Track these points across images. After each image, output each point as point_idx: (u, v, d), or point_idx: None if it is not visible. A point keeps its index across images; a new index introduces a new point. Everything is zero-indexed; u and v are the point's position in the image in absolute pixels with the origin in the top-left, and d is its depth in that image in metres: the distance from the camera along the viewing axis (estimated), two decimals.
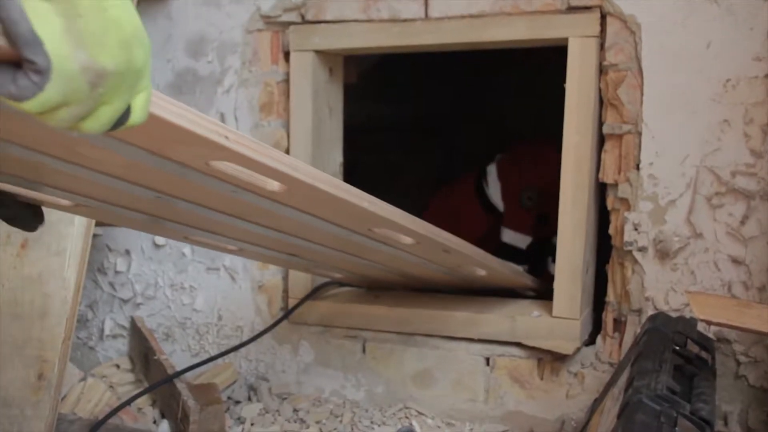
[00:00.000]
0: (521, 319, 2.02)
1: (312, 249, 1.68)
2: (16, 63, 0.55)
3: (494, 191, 2.90)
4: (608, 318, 1.99)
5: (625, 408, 1.33)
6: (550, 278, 2.04)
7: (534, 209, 2.79)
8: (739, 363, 1.83)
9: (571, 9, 1.92)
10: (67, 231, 1.91)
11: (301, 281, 2.24)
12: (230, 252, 1.74)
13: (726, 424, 1.83)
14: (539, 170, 2.66)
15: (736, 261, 1.82)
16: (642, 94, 1.87)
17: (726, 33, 1.78)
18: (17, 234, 1.93)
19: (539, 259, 2.77)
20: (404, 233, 1.49)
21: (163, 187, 1.13)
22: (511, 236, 2.87)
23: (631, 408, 1.30)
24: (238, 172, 1.03)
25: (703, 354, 1.65)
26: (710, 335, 1.80)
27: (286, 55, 2.22)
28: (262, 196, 1.16)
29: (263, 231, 1.46)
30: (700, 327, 1.74)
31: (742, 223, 1.81)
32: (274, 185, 1.11)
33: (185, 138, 0.87)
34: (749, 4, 1.74)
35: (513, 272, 2.13)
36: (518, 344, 2.03)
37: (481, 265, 1.88)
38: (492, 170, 2.90)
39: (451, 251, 1.68)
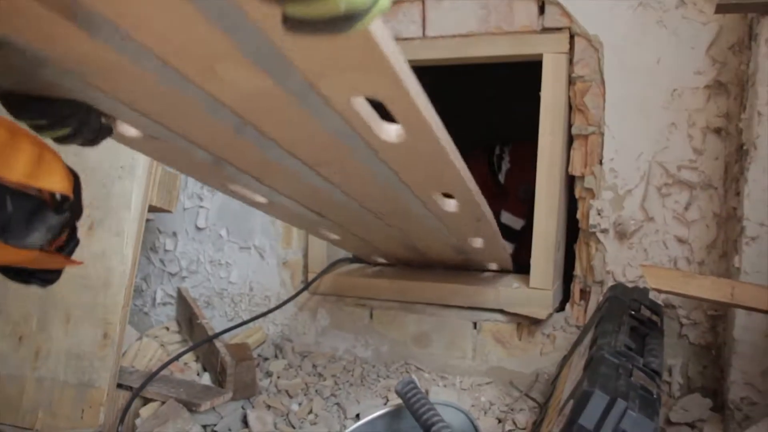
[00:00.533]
0: (503, 290, 2.08)
1: (350, 211, 1.59)
2: None
3: (503, 173, 2.89)
4: (576, 288, 2.06)
5: (591, 362, 1.38)
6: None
7: (527, 201, 2.80)
8: (682, 325, 1.89)
9: (545, 30, 1.98)
10: (125, 215, 2.01)
11: (318, 258, 2.32)
12: (258, 206, 1.62)
13: (670, 374, 1.88)
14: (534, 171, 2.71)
15: (681, 240, 1.88)
16: (604, 101, 1.92)
17: (673, 51, 1.84)
18: (86, 218, 2.02)
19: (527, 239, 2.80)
20: (464, 196, 1.42)
21: (260, 116, 1.01)
22: (508, 218, 2.87)
23: (596, 362, 1.36)
24: (371, 116, 0.94)
25: (654, 317, 1.69)
26: (659, 302, 1.85)
27: None
28: (370, 146, 1.06)
29: (320, 184, 1.35)
30: (652, 295, 1.78)
31: (686, 209, 1.87)
32: (393, 135, 1.03)
33: (372, 64, 0.76)
34: (691, 28, 1.81)
35: (503, 248, 2.18)
36: (501, 311, 2.08)
37: (493, 237, 1.86)
38: (506, 155, 2.88)
39: (481, 220, 1.64)
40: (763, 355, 1.65)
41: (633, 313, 1.66)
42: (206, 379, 2.08)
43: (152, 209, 2.11)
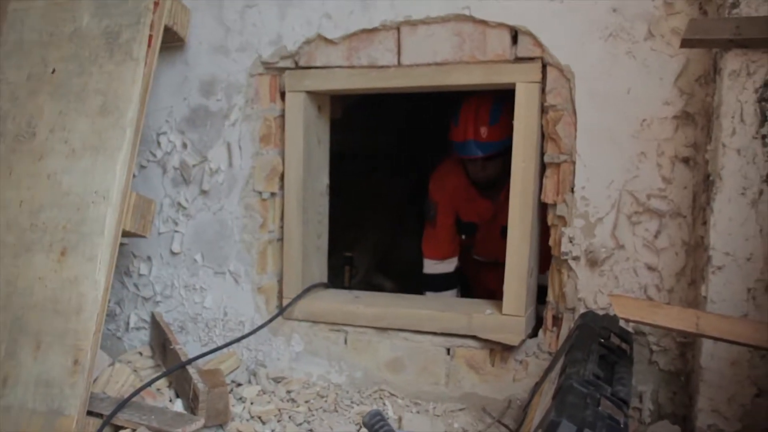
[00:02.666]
0: (476, 316, 2.09)
1: None
2: None
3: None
4: (548, 315, 2.07)
5: (559, 390, 1.39)
6: None
7: None
8: (652, 351, 1.90)
9: (518, 59, 2.01)
10: (98, 241, 1.99)
11: (293, 283, 2.32)
12: None
13: (641, 401, 1.90)
14: None
15: (650, 268, 1.90)
16: (576, 130, 1.95)
17: (642, 82, 1.87)
18: (58, 243, 2.02)
19: None
20: None
21: None
22: None
23: (564, 391, 1.36)
24: None
25: (623, 345, 1.70)
26: (630, 329, 1.86)
27: (282, 95, 2.30)
28: None
29: None
30: (622, 323, 1.79)
31: (656, 236, 1.89)
32: None
33: None
34: (660, 59, 1.85)
35: None
36: (474, 337, 2.09)
37: None
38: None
39: None
40: (729, 383, 1.67)
41: (603, 341, 1.67)
42: (179, 405, 2.05)
43: (126, 234, 2.09)
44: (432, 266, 3.02)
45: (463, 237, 3.02)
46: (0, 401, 1.92)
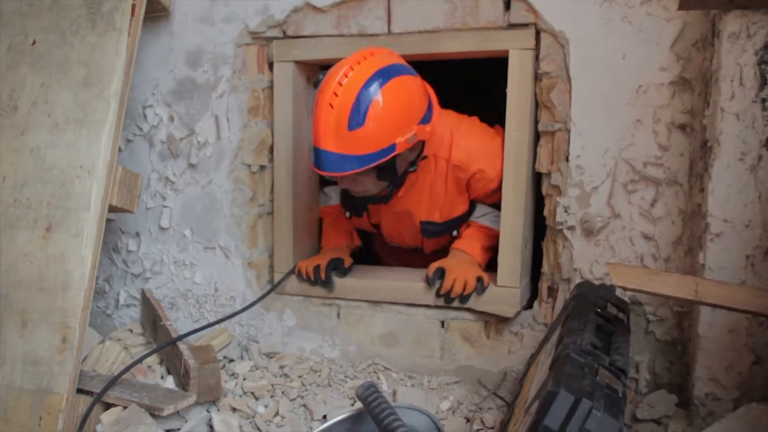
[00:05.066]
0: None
1: None
2: None
3: None
4: (543, 286, 2.05)
5: (556, 361, 1.38)
6: None
7: None
8: (648, 321, 1.89)
9: (511, 26, 1.96)
10: (84, 216, 1.95)
11: (284, 258, 2.29)
12: None
13: (637, 371, 1.88)
14: None
15: (647, 237, 1.88)
16: (570, 98, 1.91)
17: (638, 47, 1.83)
18: (43, 219, 1.98)
19: None
20: None
21: None
22: None
23: (561, 361, 1.35)
24: None
25: (620, 315, 1.69)
26: (626, 299, 1.85)
27: (270, 66, 2.25)
28: None
29: None
30: (618, 292, 1.79)
31: (652, 205, 1.86)
32: None
33: None
34: (656, 24, 1.80)
35: None
36: (468, 309, 2.06)
37: None
38: None
39: None
40: (727, 351, 1.65)
41: (599, 310, 1.65)
42: (170, 382, 2.02)
43: (113, 209, 2.05)
44: None
45: (347, 215, 2.38)
46: None
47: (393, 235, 2.42)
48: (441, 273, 2.09)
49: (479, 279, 2.04)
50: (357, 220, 2.41)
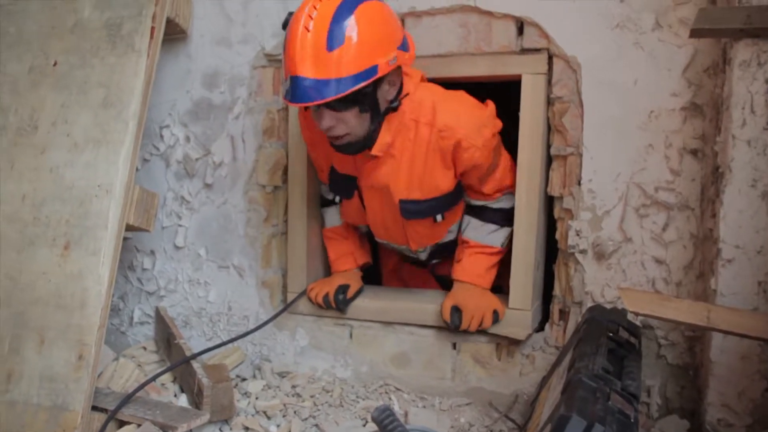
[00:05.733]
0: None
1: None
2: None
3: None
4: (555, 309, 2.06)
5: (568, 385, 1.38)
6: None
7: None
8: (660, 345, 1.89)
9: (524, 51, 1.99)
10: (101, 235, 1.97)
11: (297, 278, 2.30)
12: None
13: (649, 395, 1.88)
14: None
15: (658, 261, 1.89)
16: (582, 122, 1.93)
17: (649, 73, 1.85)
18: (61, 237, 2.01)
19: None
20: None
21: None
22: None
23: (573, 385, 1.36)
24: None
25: (632, 339, 1.69)
26: (638, 323, 1.85)
27: None
28: None
29: None
30: (630, 316, 1.79)
31: (664, 229, 1.87)
32: None
33: None
34: (668, 50, 1.83)
35: None
36: (480, 331, 2.06)
37: None
38: None
39: None
40: (739, 378, 1.65)
41: (611, 334, 1.66)
42: (183, 400, 2.05)
43: (129, 228, 2.08)
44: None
45: (336, 200, 2.26)
46: (4, 396, 1.91)
47: (377, 222, 2.16)
48: (458, 312, 2.06)
49: (494, 312, 2.04)
50: (350, 211, 2.21)
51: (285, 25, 1.76)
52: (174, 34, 2.28)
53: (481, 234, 2.11)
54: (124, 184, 2.02)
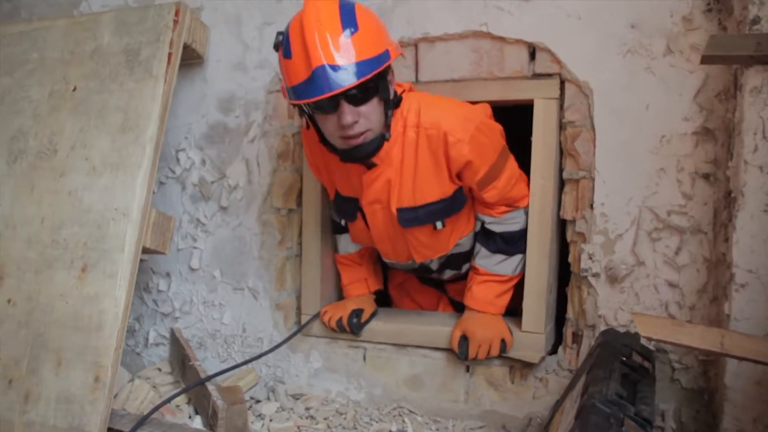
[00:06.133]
0: None
1: None
2: None
3: None
4: (568, 332, 2.06)
5: (582, 410, 1.39)
6: None
7: None
8: (674, 369, 1.89)
9: (536, 76, 2.01)
10: (118, 258, 2.01)
11: (311, 300, 2.32)
12: None
13: (663, 419, 1.88)
14: None
15: (671, 285, 1.89)
16: (594, 147, 1.94)
17: (661, 98, 1.86)
18: (79, 260, 2.04)
19: None
20: None
21: None
22: None
23: (586, 410, 1.36)
24: None
25: (645, 363, 1.68)
26: (651, 347, 1.84)
27: (300, 112, 2.30)
28: None
29: None
30: (643, 340, 1.77)
31: (676, 253, 1.88)
32: None
33: None
34: (679, 75, 1.84)
35: None
36: None
37: None
38: None
39: None
40: (754, 403, 1.64)
41: (624, 359, 1.65)
42: (198, 422, 2.05)
43: (146, 251, 2.11)
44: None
45: (342, 222, 2.24)
46: (22, 417, 1.93)
47: (382, 238, 2.12)
48: (466, 341, 2.06)
49: (502, 341, 2.04)
50: (357, 233, 2.19)
51: (277, 47, 1.76)
52: (190, 59, 2.32)
53: (490, 264, 2.10)
54: (141, 208, 2.05)
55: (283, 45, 1.73)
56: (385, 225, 2.07)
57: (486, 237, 2.10)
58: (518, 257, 2.08)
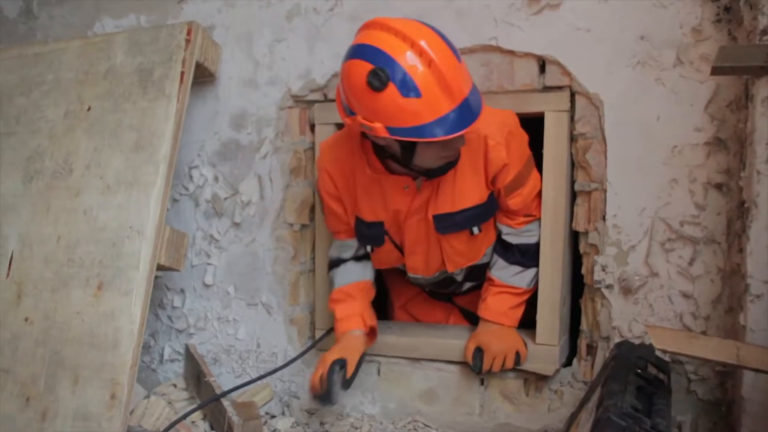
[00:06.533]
0: None
1: None
2: None
3: None
4: (582, 344, 2.05)
5: (597, 424, 1.37)
6: None
7: None
8: (690, 380, 1.87)
9: (546, 88, 2.01)
10: (133, 275, 2.02)
11: (325, 315, 2.31)
12: None
13: (680, 431, 1.89)
14: None
15: (686, 295, 1.88)
16: (606, 158, 1.94)
17: (672, 109, 1.86)
18: (95, 278, 2.06)
19: None
20: None
21: None
22: None
23: (602, 424, 1.34)
24: None
25: (661, 375, 1.67)
26: (666, 358, 1.82)
27: (312, 128, 2.31)
28: None
29: None
30: (658, 352, 1.72)
31: (690, 264, 1.87)
32: None
33: None
34: (690, 86, 1.84)
35: None
36: None
37: None
38: None
39: None
40: None
41: (639, 371, 1.64)
42: None
43: (160, 268, 2.12)
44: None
45: (368, 249, 2.15)
46: None
47: (416, 251, 2.08)
48: (480, 353, 2.04)
49: (517, 353, 2.03)
50: (382, 257, 2.15)
51: (377, 86, 1.65)
52: (202, 77, 2.34)
53: (506, 275, 2.08)
54: (155, 226, 2.07)
55: (398, 84, 1.65)
56: (420, 236, 2.04)
57: (504, 248, 2.09)
58: (533, 270, 2.07)
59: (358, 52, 1.70)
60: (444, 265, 2.10)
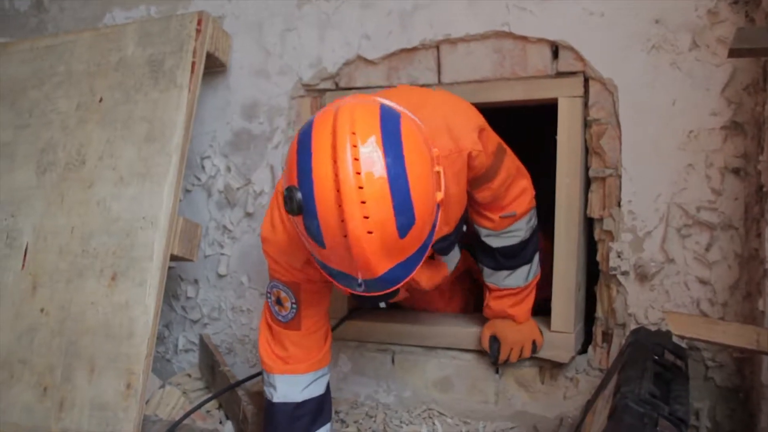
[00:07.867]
0: None
1: None
2: None
3: None
4: (597, 331, 2.03)
5: (614, 411, 1.36)
6: None
7: None
8: (707, 367, 1.86)
9: (559, 74, 1.99)
10: (147, 266, 2.03)
11: (339, 304, 2.30)
12: None
13: (698, 418, 1.85)
14: None
15: (702, 281, 1.86)
16: (620, 144, 1.92)
17: (688, 93, 1.83)
18: (108, 268, 2.06)
19: None
20: None
21: None
22: None
23: (619, 411, 1.34)
24: None
25: (678, 362, 1.65)
26: (683, 345, 1.81)
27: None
28: None
29: None
30: (675, 338, 1.74)
31: (707, 249, 1.85)
32: None
33: None
34: (705, 69, 1.81)
35: None
36: None
37: None
38: None
39: None
40: None
41: (656, 358, 1.62)
42: (229, 427, 2.07)
43: (174, 258, 2.12)
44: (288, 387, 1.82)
45: (382, 305, 1.90)
46: (57, 424, 1.96)
47: (421, 287, 1.93)
48: (496, 343, 2.03)
49: (533, 342, 2.01)
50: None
51: (295, 209, 1.32)
52: (214, 67, 2.33)
53: (498, 280, 2.00)
54: (168, 216, 2.07)
55: (315, 237, 1.34)
56: (422, 272, 1.77)
57: (485, 253, 1.98)
58: (524, 268, 1.99)
59: (300, 145, 1.39)
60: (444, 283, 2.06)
